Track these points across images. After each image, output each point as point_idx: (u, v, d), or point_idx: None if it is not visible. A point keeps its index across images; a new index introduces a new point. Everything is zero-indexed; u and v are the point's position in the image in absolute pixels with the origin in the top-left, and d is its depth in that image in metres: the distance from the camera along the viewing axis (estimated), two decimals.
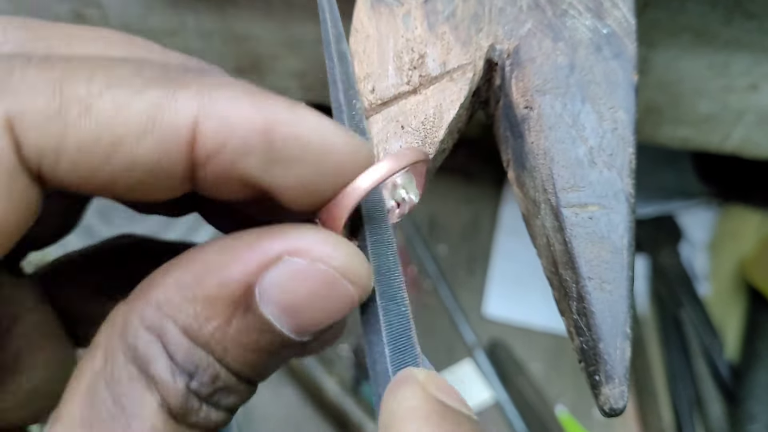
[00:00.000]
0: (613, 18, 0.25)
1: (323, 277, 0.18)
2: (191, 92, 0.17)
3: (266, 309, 0.18)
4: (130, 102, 0.16)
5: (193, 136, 0.17)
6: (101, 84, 0.16)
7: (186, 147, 0.17)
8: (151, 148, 0.17)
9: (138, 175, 0.17)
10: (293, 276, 0.18)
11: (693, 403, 0.59)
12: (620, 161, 0.24)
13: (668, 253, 0.67)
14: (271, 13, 0.42)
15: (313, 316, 0.18)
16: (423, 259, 0.66)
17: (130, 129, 0.16)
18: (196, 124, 0.17)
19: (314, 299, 0.18)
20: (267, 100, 0.18)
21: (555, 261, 0.24)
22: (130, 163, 0.17)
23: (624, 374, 0.21)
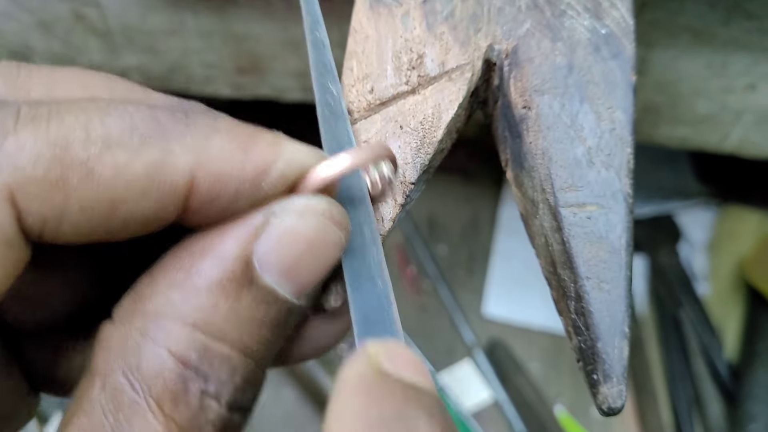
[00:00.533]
0: (611, 18, 0.25)
1: (314, 224, 0.18)
2: (186, 147, 0.17)
3: (268, 277, 0.18)
4: (129, 163, 0.16)
5: (189, 189, 0.17)
6: (99, 144, 0.16)
7: (182, 200, 0.17)
8: (151, 205, 0.17)
9: (135, 228, 0.17)
10: (285, 234, 0.18)
11: (692, 403, 0.59)
12: (618, 161, 0.24)
13: (667, 253, 0.67)
14: (271, 13, 0.42)
15: (309, 271, 0.18)
16: (422, 259, 0.66)
17: (130, 190, 0.16)
18: (192, 178, 0.17)
19: (307, 252, 0.18)
20: (255, 143, 0.18)
21: (553, 261, 0.24)
22: (130, 219, 0.17)
23: (622, 373, 0.22)
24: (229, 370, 0.18)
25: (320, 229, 0.18)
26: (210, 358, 0.17)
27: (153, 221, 0.17)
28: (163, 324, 0.17)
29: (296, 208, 0.18)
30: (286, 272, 0.18)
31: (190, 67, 0.46)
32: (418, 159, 0.24)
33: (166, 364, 0.17)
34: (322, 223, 0.18)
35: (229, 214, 0.18)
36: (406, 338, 0.21)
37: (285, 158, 0.18)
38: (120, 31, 0.44)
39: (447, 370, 0.61)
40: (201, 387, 0.17)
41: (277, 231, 0.18)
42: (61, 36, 0.44)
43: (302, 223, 0.18)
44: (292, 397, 0.60)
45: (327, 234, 0.19)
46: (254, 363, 0.19)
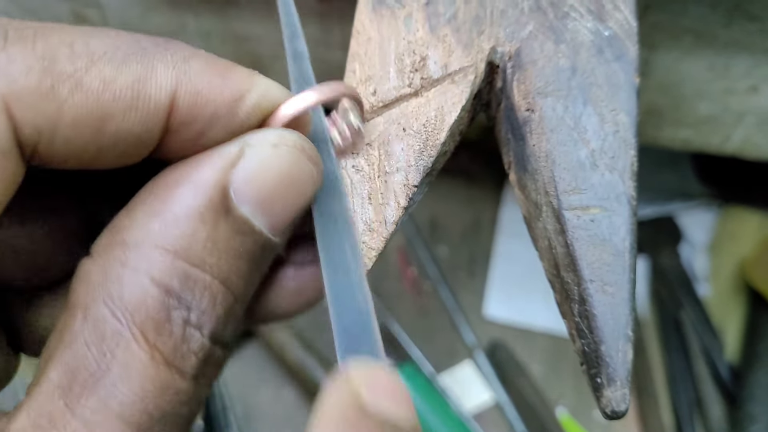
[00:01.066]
0: (614, 20, 0.25)
1: (288, 156, 0.19)
2: (168, 65, 0.18)
3: (244, 208, 0.18)
4: (115, 77, 0.17)
5: (170, 107, 0.18)
6: (85, 59, 0.17)
7: (164, 118, 0.18)
8: (136, 121, 0.17)
9: (122, 147, 0.18)
10: (260, 164, 0.18)
11: (693, 405, 0.59)
12: (622, 164, 0.24)
13: (668, 254, 0.67)
14: (272, 14, 0.42)
15: (284, 205, 0.19)
16: (423, 261, 0.66)
17: (117, 103, 0.17)
18: (173, 96, 0.17)
19: (282, 184, 0.18)
20: (232, 71, 0.19)
21: (557, 263, 0.24)
22: (118, 136, 0.17)
23: (626, 377, 0.21)
24: (210, 299, 0.18)
25: (294, 162, 0.19)
26: (191, 286, 0.17)
27: (138, 144, 0.18)
28: (144, 252, 0.17)
29: (270, 140, 0.19)
30: (261, 204, 0.18)
31: None
32: (421, 162, 0.24)
33: (149, 291, 0.17)
34: (296, 155, 0.19)
35: (204, 144, 0.19)
36: (405, 342, 0.21)
37: (260, 89, 0.19)
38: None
39: (448, 371, 0.61)
40: (184, 316, 0.17)
41: (252, 162, 0.18)
42: None
43: (276, 154, 0.18)
44: (292, 397, 0.59)
45: (300, 166, 0.19)
46: (233, 296, 0.19)
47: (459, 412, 0.57)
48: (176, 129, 0.18)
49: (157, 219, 0.18)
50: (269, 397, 0.59)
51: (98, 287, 0.17)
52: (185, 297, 0.17)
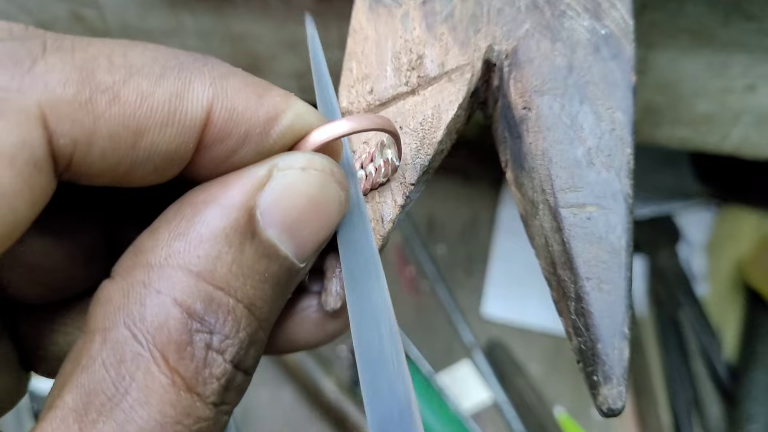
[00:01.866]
0: (611, 19, 0.25)
1: (316, 180, 0.18)
2: (205, 81, 0.18)
3: (270, 231, 0.18)
4: (153, 91, 0.17)
5: (205, 123, 0.17)
6: (123, 71, 0.17)
7: (198, 134, 0.17)
8: (172, 137, 0.17)
9: (157, 162, 0.17)
10: (288, 188, 0.18)
11: (691, 404, 0.59)
12: (618, 162, 0.24)
13: (666, 254, 0.67)
14: (269, 13, 0.42)
15: (311, 230, 0.19)
16: (421, 260, 0.66)
17: (153, 118, 0.17)
18: (209, 112, 0.17)
19: (309, 209, 0.18)
20: (269, 92, 0.19)
21: (553, 261, 0.24)
22: (152, 151, 0.17)
23: (622, 374, 0.22)
24: (234, 323, 0.17)
25: (321, 185, 0.19)
26: (215, 309, 0.17)
27: (171, 159, 0.17)
28: (167, 273, 0.17)
29: (299, 163, 0.18)
30: (288, 228, 0.18)
31: None
32: (418, 160, 0.24)
33: (171, 313, 0.16)
34: (324, 179, 0.19)
35: (234, 163, 0.18)
36: (403, 342, 0.20)
37: (295, 111, 0.19)
38: (119, 31, 0.44)
39: (446, 370, 0.61)
40: (206, 340, 0.17)
41: (280, 185, 0.18)
42: None
43: (304, 179, 0.18)
44: (292, 397, 0.59)
45: (328, 190, 0.19)
46: (257, 321, 0.18)
47: (457, 411, 0.57)
48: (209, 145, 0.18)
49: (181, 240, 0.17)
50: (268, 397, 0.59)
51: (119, 309, 0.17)
52: (208, 320, 0.17)
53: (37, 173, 0.16)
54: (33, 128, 0.15)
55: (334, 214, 0.19)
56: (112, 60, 0.17)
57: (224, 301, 0.17)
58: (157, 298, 0.16)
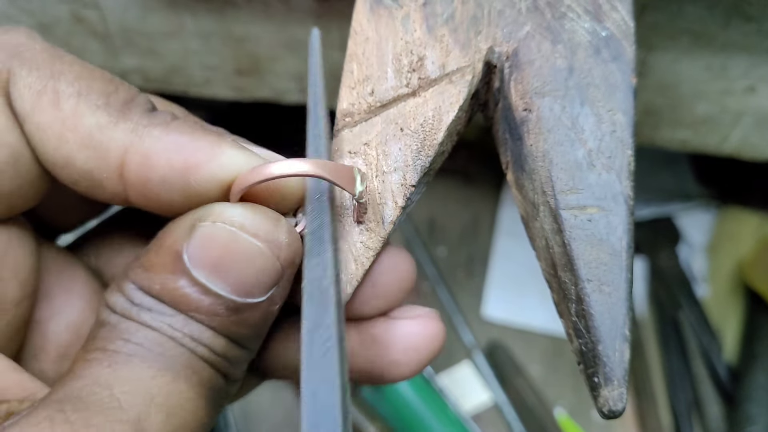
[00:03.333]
0: (611, 21, 0.25)
1: (224, 233, 0.20)
2: (129, 126, 0.20)
3: (197, 272, 0.20)
4: (84, 115, 0.20)
5: (122, 164, 0.20)
6: (75, 88, 0.20)
7: (117, 170, 0.20)
8: (89, 158, 0.20)
9: (76, 175, 0.21)
10: (205, 238, 0.20)
11: (691, 405, 0.59)
12: (619, 163, 0.24)
13: (667, 255, 0.67)
14: (270, 15, 0.42)
15: (238, 274, 0.20)
16: (422, 261, 0.66)
17: (76, 136, 0.20)
18: (125, 155, 0.20)
19: (228, 255, 0.20)
20: (194, 141, 0.20)
21: (554, 263, 0.24)
22: (71, 162, 0.20)
23: (623, 376, 0.22)
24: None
25: (231, 237, 0.20)
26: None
27: (99, 185, 0.21)
28: (122, 284, 0.21)
29: (211, 215, 0.20)
30: (214, 270, 0.20)
31: (190, 69, 0.46)
32: (419, 161, 0.24)
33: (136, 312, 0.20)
34: (230, 232, 0.20)
35: (167, 204, 0.21)
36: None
37: (219, 161, 0.20)
38: (119, 33, 0.44)
39: (446, 372, 0.61)
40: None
41: (200, 233, 0.20)
42: (60, 38, 0.44)
43: (216, 231, 0.20)
44: (291, 398, 0.59)
45: (239, 242, 0.20)
46: (224, 340, 0.21)
47: (457, 412, 0.57)
48: (134, 187, 0.20)
49: (135, 263, 0.21)
50: (268, 398, 0.59)
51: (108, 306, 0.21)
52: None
53: (10, 117, 0.20)
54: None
55: (258, 259, 0.20)
56: (78, 77, 0.20)
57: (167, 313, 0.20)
58: (122, 300, 0.20)
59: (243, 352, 0.22)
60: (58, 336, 0.24)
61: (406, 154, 0.24)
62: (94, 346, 0.20)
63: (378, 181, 0.24)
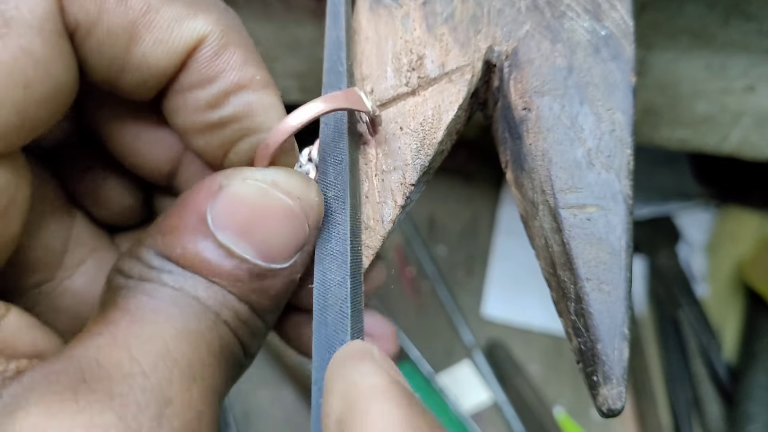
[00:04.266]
0: (611, 20, 0.25)
1: (255, 191, 0.20)
2: (211, 18, 0.20)
3: (221, 235, 0.19)
4: (160, 8, 0.19)
5: (190, 53, 0.20)
6: None
7: (182, 58, 0.20)
8: (161, 54, 0.19)
9: (144, 74, 0.20)
10: (232, 199, 0.19)
11: (691, 404, 0.59)
12: (618, 163, 0.24)
13: (666, 254, 0.67)
14: (270, 14, 0.42)
15: (265, 236, 0.20)
16: (422, 260, 0.66)
17: (150, 33, 0.19)
18: (199, 43, 0.19)
19: (257, 216, 0.19)
20: (254, 66, 0.20)
21: (553, 262, 0.24)
22: (142, 62, 0.19)
23: (622, 375, 0.22)
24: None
25: (262, 195, 0.20)
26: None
27: (157, 76, 0.20)
28: (140, 247, 0.20)
29: (241, 174, 0.20)
30: (240, 233, 0.19)
31: None
32: (418, 160, 0.24)
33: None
34: (261, 189, 0.20)
35: (210, 121, 0.21)
36: (403, 342, 0.22)
37: (265, 92, 0.21)
38: None
39: (446, 371, 0.61)
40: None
41: (226, 194, 0.20)
42: None
43: (245, 189, 0.20)
44: (292, 397, 0.59)
45: (269, 199, 0.20)
46: (246, 307, 0.20)
47: (457, 411, 0.57)
48: (187, 88, 0.20)
49: (156, 227, 0.20)
50: (268, 397, 0.59)
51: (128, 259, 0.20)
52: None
53: (63, 42, 0.18)
54: (51, 1, 0.18)
55: (284, 219, 0.20)
56: None
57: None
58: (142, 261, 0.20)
59: (262, 324, 0.21)
60: (74, 297, 0.24)
61: (405, 153, 0.24)
62: (111, 305, 0.19)
63: (377, 180, 0.24)
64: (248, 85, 0.20)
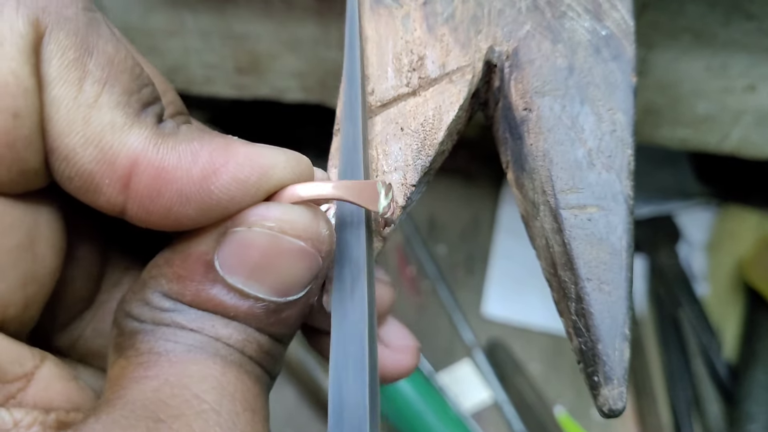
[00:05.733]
0: (611, 20, 0.25)
1: (263, 237, 0.19)
2: (144, 133, 0.18)
3: (233, 279, 0.19)
4: (102, 108, 0.18)
5: (129, 174, 0.18)
6: (103, 73, 0.18)
7: (121, 179, 0.18)
8: (93, 158, 0.18)
9: (73, 172, 0.18)
10: (240, 244, 0.19)
11: (691, 404, 0.59)
12: (619, 163, 0.24)
13: (667, 254, 0.67)
14: (271, 13, 0.42)
15: (277, 276, 0.19)
16: (422, 259, 0.66)
17: (87, 129, 0.18)
18: (134, 164, 0.18)
19: (267, 259, 0.19)
20: (204, 145, 0.19)
21: (554, 262, 0.24)
22: (72, 156, 0.18)
23: (623, 375, 0.22)
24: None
25: (272, 242, 0.19)
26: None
27: (96, 188, 0.18)
28: (140, 290, 0.20)
29: (247, 220, 0.19)
30: (251, 276, 0.19)
31: (191, 68, 0.46)
32: (419, 161, 0.24)
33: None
34: (272, 237, 0.19)
35: (180, 219, 0.19)
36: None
37: (243, 162, 0.19)
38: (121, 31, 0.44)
39: (446, 370, 0.61)
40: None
41: (234, 239, 0.19)
42: None
43: (253, 236, 0.19)
44: (292, 397, 0.60)
45: (280, 244, 0.19)
46: (266, 337, 0.20)
47: (457, 411, 0.58)
48: (138, 198, 0.18)
49: (159, 268, 0.20)
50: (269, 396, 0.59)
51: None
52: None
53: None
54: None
55: (299, 261, 0.19)
56: (109, 63, 0.18)
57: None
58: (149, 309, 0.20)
59: (283, 348, 0.21)
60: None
61: (406, 154, 0.24)
62: (132, 350, 0.19)
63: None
64: (216, 171, 0.19)
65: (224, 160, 0.18)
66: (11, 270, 0.18)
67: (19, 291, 0.18)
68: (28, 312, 0.19)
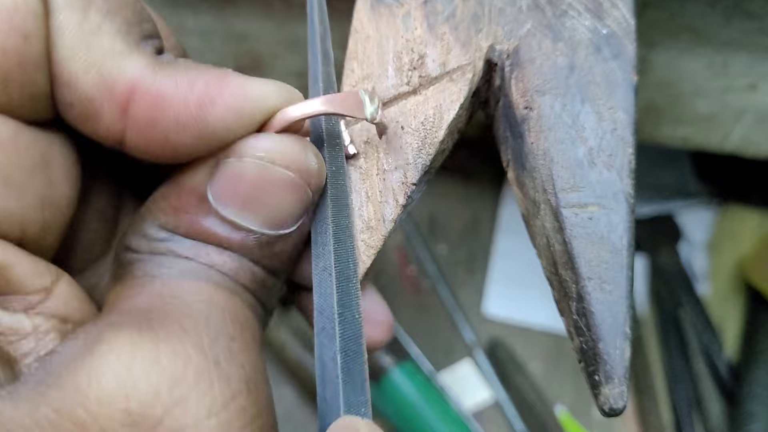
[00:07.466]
0: (612, 18, 0.25)
1: (253, 168, 0.19)
2: (143, 60, 0.18)
3: (225, 211, 0.19)
4: (103, 35, 0.18)
5: (128, 99, 0.18)
6: (107, 4, 0.18)
7: (121, 105, 0.18)
8: (94, 83, 0.18)
9: (75, 98, 0.18)
10: (231, 175, 0.19)
11: (692, 403, 0.59)
12: (620, 161, 0.24)
13: (667, 253, 0.67)
14: (271, 12, 0.42)
15: (269, 207, 0.20)
16: (422, 259, 0.66)
17: (88, 55, 0.18)
18: (133, 90, 0.18)
19: (258, 190, 0.19)
20: (201, 75, 0.19)
21: (555, 261, 0.24)
22: (74, 82, 0.18)
23: (624, 374, 0.22)
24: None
25: (262, 172, 0.19)
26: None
27: (95, 112, 0.19)
28: (142, 218, 0.21)
29: (238, 151, 0.20)
30: (244, 207, 0.20)
31: None
32: (420, 160, 0.24)
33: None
34: (262, 166, 0.19)
35: (177, 149, 0.19)
36: (404, 340, 0.21)
37: (237, 92, 0.19)
38: None
39: (447, 369, 0.61)
40: None
41: (225, 172, 0.19)
42: None
43: (243, 166, 0.19)
44: (292, 396, 0.59)
45: (271, 176, 0.20)
46: (260, 268, 0.21)
47: (458, 410, 0.58)
48: (136, 125, 0.19)
49: (156, 201, 0.20)
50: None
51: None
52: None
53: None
54: None
55: (286, 190, 0.20)
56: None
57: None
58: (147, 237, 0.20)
59: (277, 280, 0.22)
60: None
61: (407, 153, 0.24)
62: (129, 277, 0.19)
63: (379, 179, 0.24)
64: (212, 100, 0.20)
65: (219, 90, 0.19)
66: (28, 190, 0.18)
67: (36, 212, 0.18)
68: (45, 238, 0.19)
